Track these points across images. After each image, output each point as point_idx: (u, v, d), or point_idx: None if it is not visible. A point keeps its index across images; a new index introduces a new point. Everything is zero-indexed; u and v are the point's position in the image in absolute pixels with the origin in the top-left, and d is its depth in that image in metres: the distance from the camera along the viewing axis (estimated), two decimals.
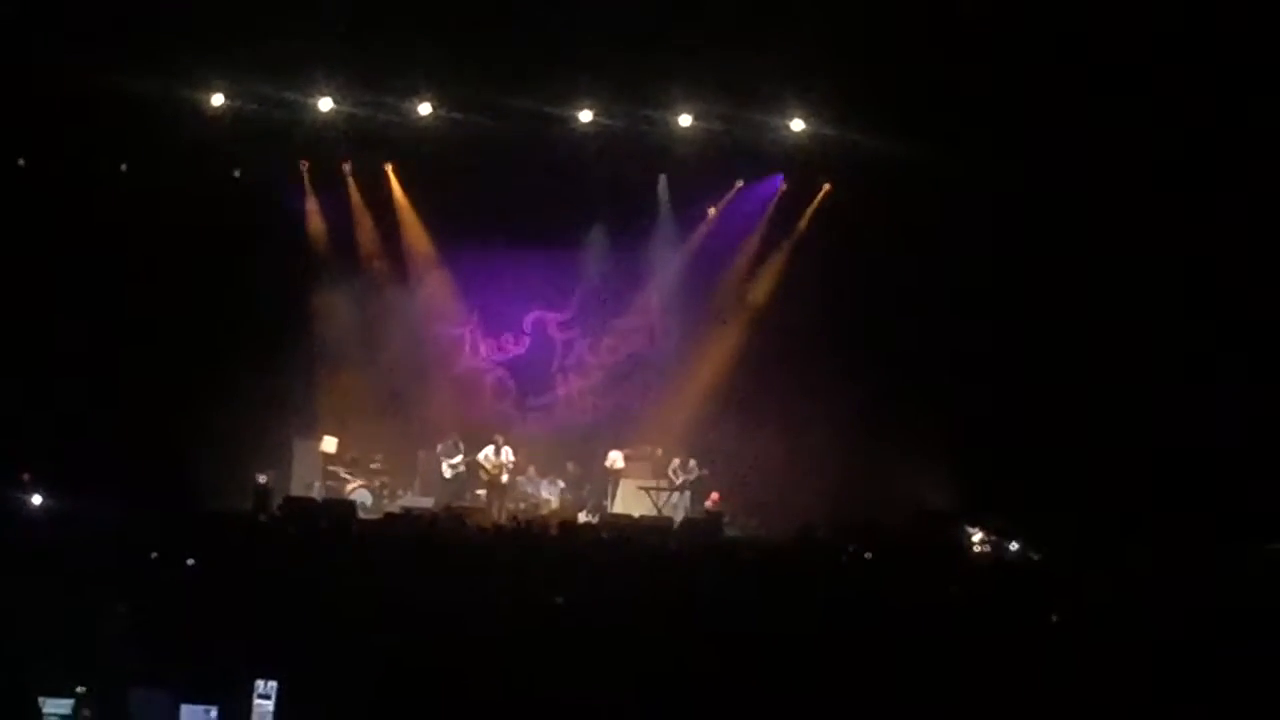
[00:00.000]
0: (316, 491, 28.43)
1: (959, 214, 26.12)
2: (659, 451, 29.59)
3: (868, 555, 20.05)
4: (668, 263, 30.72)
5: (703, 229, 30.61)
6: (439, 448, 29.34)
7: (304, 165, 29.54)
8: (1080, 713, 12.00)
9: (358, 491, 28.48)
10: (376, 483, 29.22)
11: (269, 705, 11.48)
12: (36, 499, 21.78)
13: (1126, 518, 22.22)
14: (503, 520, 26.65)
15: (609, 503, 29.09)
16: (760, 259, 30.31)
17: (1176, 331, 24.92)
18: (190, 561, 16.52)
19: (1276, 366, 24.30)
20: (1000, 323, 26.30)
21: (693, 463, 28.94)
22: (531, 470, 29.57)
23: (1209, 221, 24.44)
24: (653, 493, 28.79)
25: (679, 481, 28.90)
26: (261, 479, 26.98)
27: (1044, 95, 24.79)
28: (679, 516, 27.99)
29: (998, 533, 24.53)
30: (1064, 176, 25.32)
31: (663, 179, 29.95)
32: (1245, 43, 23.14)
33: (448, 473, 29.14)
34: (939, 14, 24.53)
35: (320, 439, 29.21)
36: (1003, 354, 26.15)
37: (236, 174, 28.60)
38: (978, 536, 24.74)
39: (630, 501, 28.83)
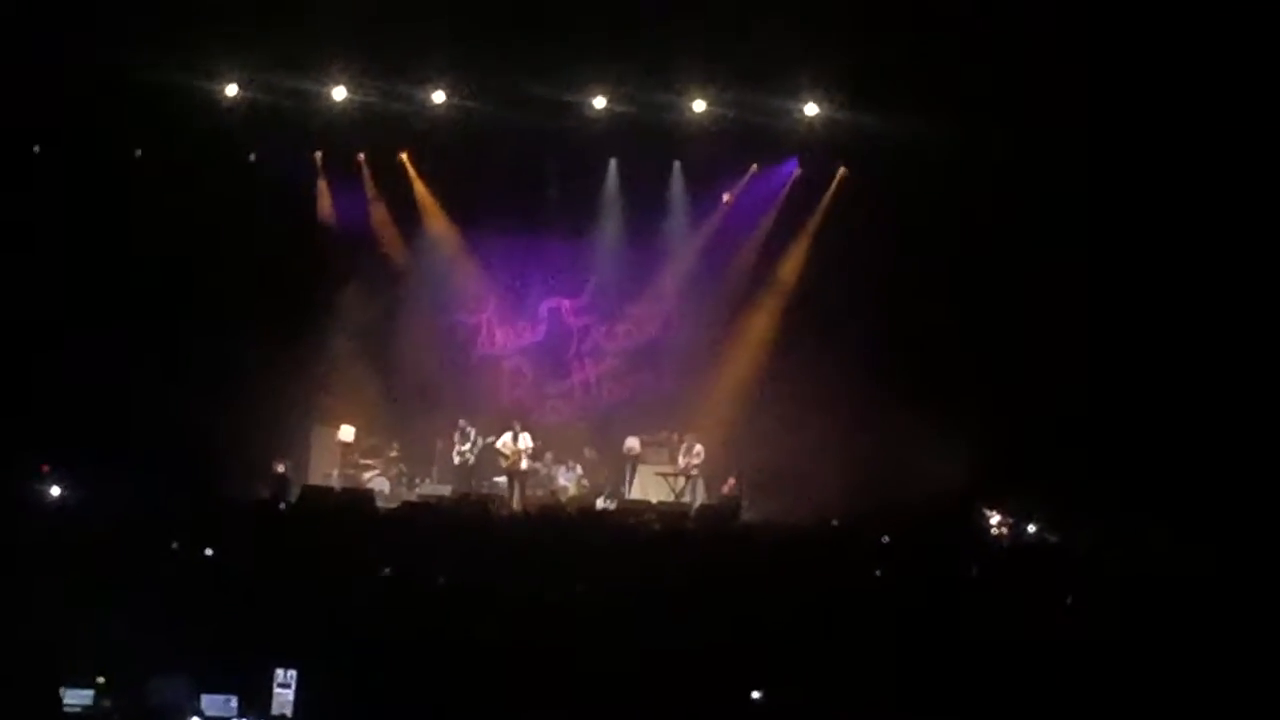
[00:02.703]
0: (334, 480, 28.42)
1: (975, 196, 26.03)
2: (676, 437, 29.53)
3: (885, 539, 20.07)
4: (683, 248, 30.67)
5: (717, 214, 30.53)
6: (454, 436, 29.40)
7: (318, 155, 29.56)
8: (1097, 693, 12.02)
9: (375, 480, 28.52)
10: (394, 471, 29.26)
11: (289, 694, 11.52)
12: (55, 490, 21.85)
13: (1144, 498, 22.15)
14: (521, 507, 26.68)
15: (626, 488, 29.06)
16: (776, 243, 30.17)
17: (1196, 311, 24.77)
18: (208, 551, 16.60)
19: None
20: (1017, 305, 26.22)
21: (698, 447, 28.87)
22: (549, 456, 29.53)
23: (1220, 206, 24.32)
24: (670, 478, 28.77)
25: (681, 466, 28.85)
26: (279, 468, 26.98)
27: (1060, 73, 24.68)
28: (696, 502, 27.94)
29: (1015, 514, 24.50)
30: (1081, 153, 25.21)
31: (676, 165, 29.88)
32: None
33: (455, 459, 29.15)
34: None
35: (338, 428, 29.20)
36: (1020, 336, 26.06)
37: (252, 157, 28.58)
38: (995, 519, 24.71)
39: (648, 487, 28.80)
